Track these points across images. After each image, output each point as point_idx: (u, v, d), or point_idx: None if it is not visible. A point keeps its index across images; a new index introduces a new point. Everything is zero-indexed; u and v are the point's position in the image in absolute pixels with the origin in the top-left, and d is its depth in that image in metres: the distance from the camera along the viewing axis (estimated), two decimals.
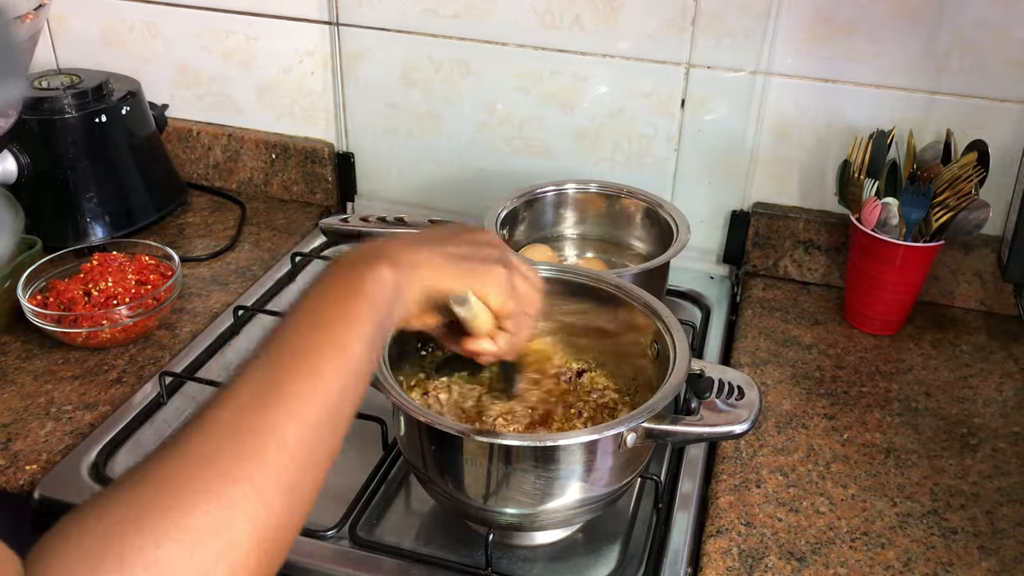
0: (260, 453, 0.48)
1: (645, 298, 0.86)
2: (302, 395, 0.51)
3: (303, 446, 0.50)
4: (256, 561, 0.47)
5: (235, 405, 0.50)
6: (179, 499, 0.45)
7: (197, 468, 0.47)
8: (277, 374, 0.52)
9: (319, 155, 1.38)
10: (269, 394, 0.51)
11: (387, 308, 0.59)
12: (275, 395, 0.51)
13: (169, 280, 1.08)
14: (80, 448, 0.90)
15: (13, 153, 1.17)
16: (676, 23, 1.16)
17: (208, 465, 0.47)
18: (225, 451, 0.48)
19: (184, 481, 0.46)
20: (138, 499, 0.46)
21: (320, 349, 0.54)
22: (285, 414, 0.50)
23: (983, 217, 1.04)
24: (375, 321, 0.57)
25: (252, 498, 0.47)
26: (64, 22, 1.41)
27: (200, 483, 0.46)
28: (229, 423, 0.49)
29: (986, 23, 1.07)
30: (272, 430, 0.49)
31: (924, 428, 0.97)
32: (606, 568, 0.81)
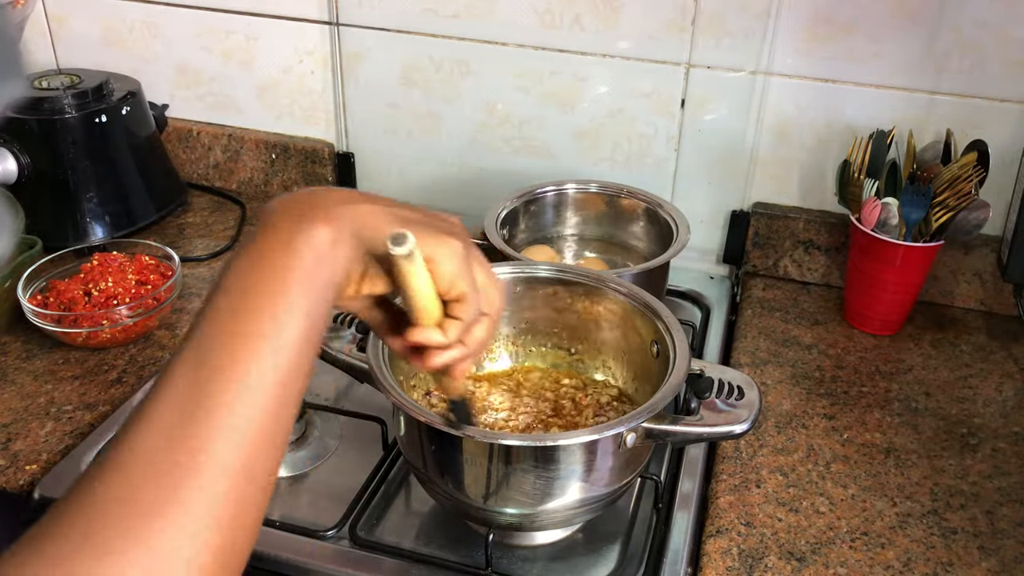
0: (193, 481, 0.43)
1: (645, 298, 0.86)
2: (234, 405, 0.45)
3: (244, 460, 0.45)
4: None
5: (161, 425, 0.44)
6: (109, 554, 0.41)
7: (121, 514, 0.42)
8: (203, 383, 0.45)
9: (319, 155, 1.38)
10: (197, 411, 0.44)
11: (326, 272, 0.50)
12: (204, 411, 0.44)
13: (169, 280, 1.08)
14: (80, 448, 0.90)
15: (13, 153, 1.17)
16: (676, 23, 1.16)
17: (133, 508, 0.42)
18: (154, 487, 0.42)
19: (106, 533, 0.41)
20: (68, 549, 0.41)
21: (249, 342, 0.46)
22: (218, 431, 0.44)
23: (983, 217, 1.04)
24: (312, 291, 0.49)
25: (189, 538, 0.42)
26: (64, 22, 1.41)
27: (125, 532, 0.41)
28: (154, 450, 0.43)
29: (986, 23, 1.07)
30: (206, 454, 0.43)
31: (924, 428, 0.97)
32: (606, 568, 0.81)
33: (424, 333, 0.56)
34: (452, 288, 0.55)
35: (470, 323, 0.57)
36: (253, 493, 0.46)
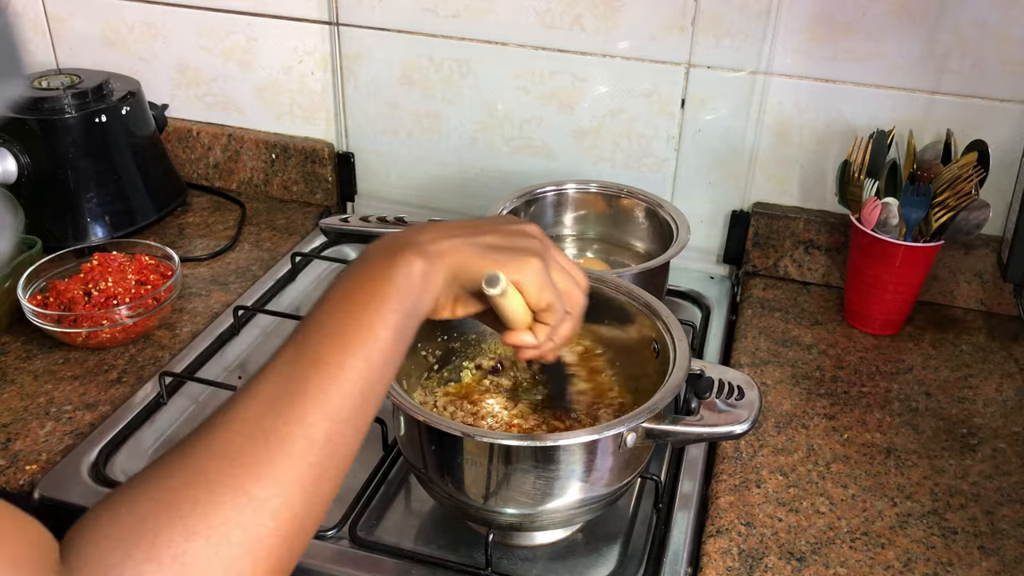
0: (287, 449, 0.49)
1: (645, 298, 0.86)
2: (329, 389, 0.52)
3: (329, 441, 0.51)
4: (278, 556, 0.48)
5: (263, 398, 0.51)
6: (207, 494, 0.47)
7: (225, 463, 0.48)
8: (304, 368, 0.52)
9: (319, 155, 1.38)
10: (296, 389, 0.51)
11: (415, 297, 0.58)
12: (302, 390, 0.51)
13: (169, 280, 1.08)
14: (80, 448, 0.90)
15: (13, 153, 1.17)
16: (676, 23, 1.16)
17: (235, 461, 0.48)
18: (252, 447, 0.49)
19: (213, 476, 0.48)
20: (167, 493, 0.47)
21: (346, 340, 0.54)
22: (312, 409, 0.51)
23: (983, 217, 1.04)
24: (403, 311, 0.57)
25: (277, 495, 0.48)
26: (64, 22, 1.41)
27: (228, 479, 0.47)
28: (256, 417, 0.50)
29: (986, 23, 1.07)
30: (299, 425, 0.50)
31: (924, 428, 0.97)
32: (606, 568, 0.81)
33: (517, 337, 0.66)
34: (540, 302, 0.64)
35: (556, 326, 0.66)
36: (333, 467, 0.52)
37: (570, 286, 0.66)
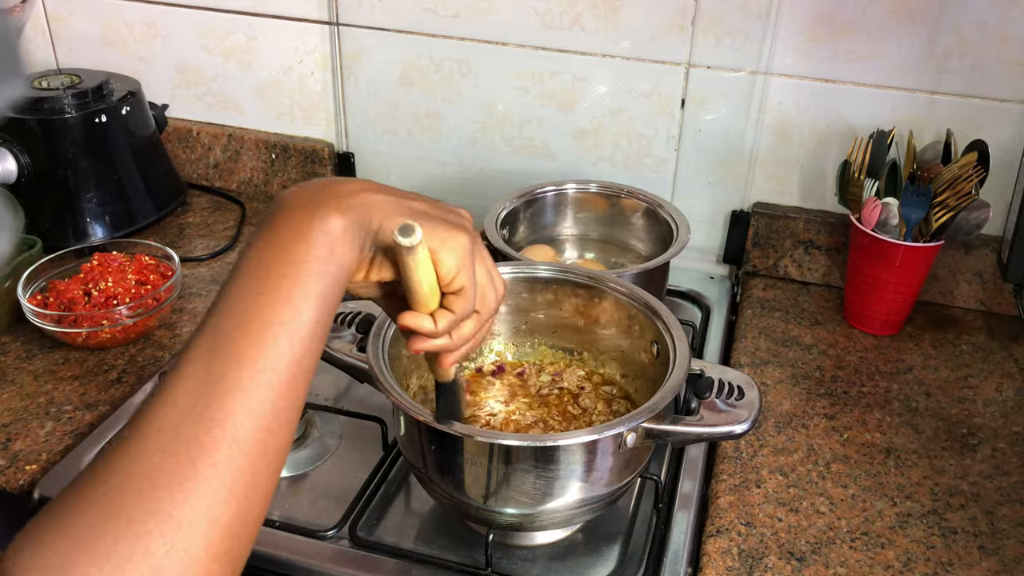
0: (212, 460, 0.45)
1: (645, 298, 0.86)
2: (250, 384, 0.47)
3: (257, 441, 0.47)
4: (220, 566, 0.45)
5: (179, 403, 0.46)
6: (128, 526, 0.43)
7: (145, 487, 0.44)
8: (220, 362, 0.47)
9: (319, 155, 1.38)
10: (214, 388, 0.47)
11: (338, 260, 0.52)
12: (220, 390, 0.47)
13: (169, 280, 1.08)
14: (80, 448, 0.90)
15: (13, 153, 1.17)
16: (676, 23, 1.16)
17: (155, 482, 0.44)
18: (172, 463, 0.45)
19: (131, 505, 0.43)
20: (86, 529, 0.43)
21: (265, 323, 0.49)
22: (234, 409, 0.46)
23: (983, 217, 1.04)
24: (325, 277, 0.51)
25: (206, 514, 0.44)
26: (64, 22, 1.41)
27: (149, 504, 0.43)
28: (174, 427, 0.46)
29: (986, 23, 1.07)
30: (222, 428, 0.46)
31: (924, 428, 0.97)
32: (606, 568, 0.81)
33: (414, 319, 0.58)
34: (453, 282, 0.57)
35: (461, 317, 0.59)
36: (266, 467, 0.48)
37: (488, 284, 0.60)
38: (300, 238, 0.51)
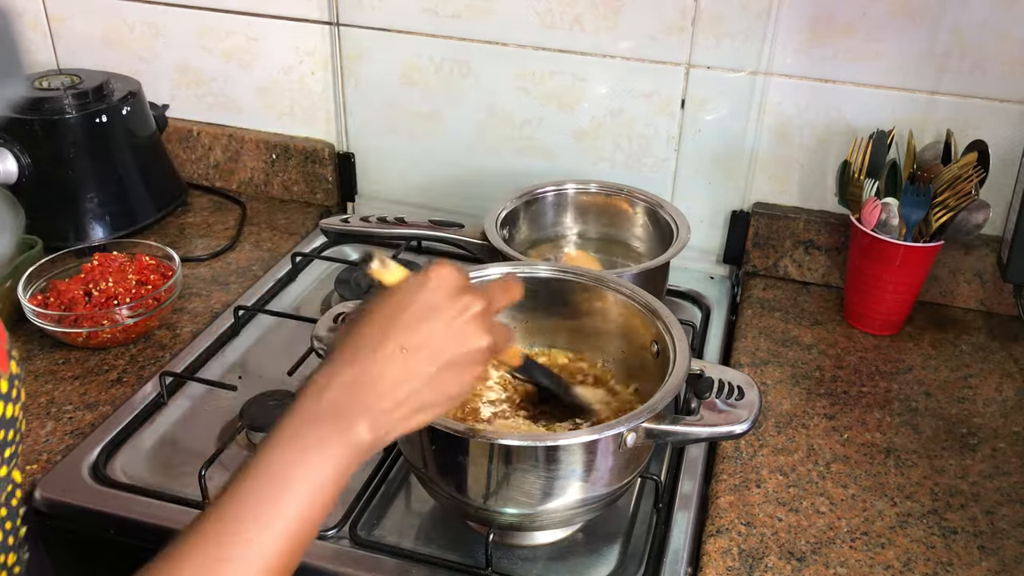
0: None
1: (645, 298, 0.86)
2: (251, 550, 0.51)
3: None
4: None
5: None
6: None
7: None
8: (224, 544, 0.51)
9: (319, 155, 1.38)
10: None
11: (355, 467, 0.56)
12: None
13: (170, 280, 1.08)
14: (80, 448, 0.90)
15: (13, 153, 1.17)
16: (676, 23, 1.16)
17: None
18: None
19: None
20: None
21: (270, 533, 0.52)
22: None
23: (983, 217, 1.04)
24: (338, 484, 0.55)
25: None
26: (64, 22, 1.41)
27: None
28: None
29: (986, 23, 1.07)
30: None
31: (924, 428, 0.97)
32: (606, 568, 0.81)
33: None
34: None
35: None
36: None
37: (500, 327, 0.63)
38: (319, 451, 0.54)
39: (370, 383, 0.56)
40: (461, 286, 0.59)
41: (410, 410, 0.57)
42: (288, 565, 0.53)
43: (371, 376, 0.56)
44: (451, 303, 0.58)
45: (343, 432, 0.55)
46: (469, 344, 0.59)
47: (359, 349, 0.57)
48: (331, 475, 0.54)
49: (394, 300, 0.58)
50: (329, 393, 0.56)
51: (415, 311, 0.57)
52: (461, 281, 0.59)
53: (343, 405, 0.55)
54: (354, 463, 0.55)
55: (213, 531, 0.51)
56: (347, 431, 0.55)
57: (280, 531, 0.52)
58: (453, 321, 0.58)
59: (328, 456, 0.54)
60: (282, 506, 0.52)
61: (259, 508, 0.52)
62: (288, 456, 0.53)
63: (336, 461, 0.54)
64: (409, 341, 0.57)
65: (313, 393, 0.56)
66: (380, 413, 0.56)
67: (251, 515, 0.51)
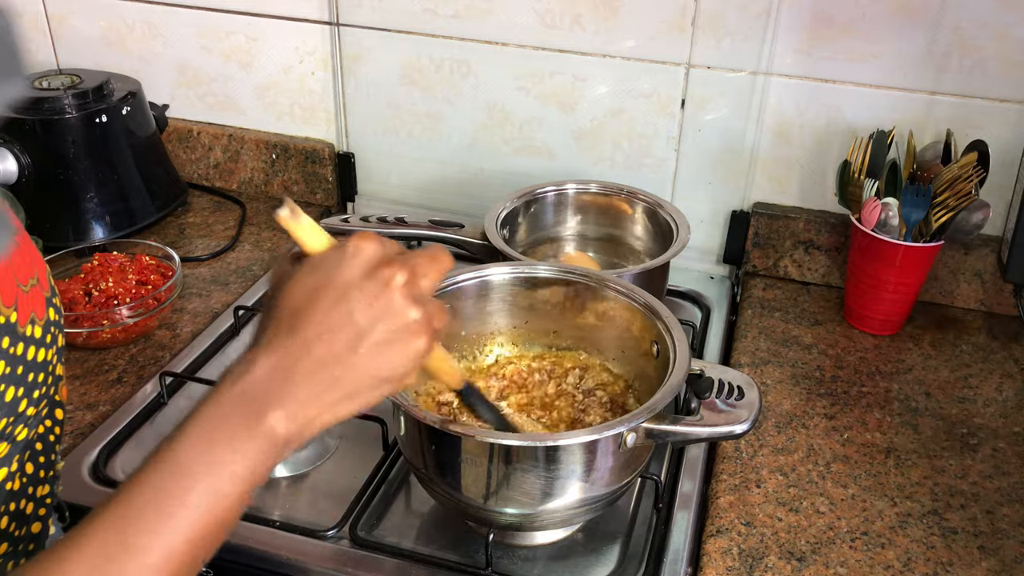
0: None
1: (645, 298, 0.86)
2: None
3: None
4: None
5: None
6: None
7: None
8: (126, 532, 0.49)
9: (319, 155, 1.38)
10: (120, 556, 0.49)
11: (273, 460, 0.53)
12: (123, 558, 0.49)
13: (170, 280, 1.08)
14: (80, 448, 0.90)
15: (13, 153, 1.17)
16: (676, 23, 1.16)
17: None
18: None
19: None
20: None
21: (174, 524, 0.50)
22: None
23: (983, 217, 1.04)
24: (250, 480, 0.52)
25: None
26: (64, 22, 1.41)
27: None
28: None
29: (986, 23, 1.07)
30: None
31: (924, 428, 0.97)
32: (606, 568, 0.81)
33: None
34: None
35: None
36: None
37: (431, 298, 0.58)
38: (230, 444, 0.51)
39: (287, 372, 0.52)
40: (380, 258, 0.54)
41: (334, 398, 0.54)
42: (196, 557, 0.51)
43: (288, 364, 0.52)
44: (369, 278, 0.53)
45: (255, 425, 0.52)
46: (395, 319, 0.54)
47: (275, 335, 0.53)
48: (241, 469, 0.51)
49: (310, 280, 0.54)
50: (242, 383, 0.52)
51: (332, 291, 0.53)
52: (379, 253, 0.54)
53: (256, 396, 0.52)
54: (271, 457, 0.52)
55: (117, 516, 0.49)
56: (259, 424, 0.52)
57: (185, 523, 0.50)
58: (374, 297, 0.53)
59: (237, 450, 0.51)
60: (187, 499, 0.50)
61: (164, 499, 0.50)
62: (196, 448, 0.51)
63: (248, 455, 0.51)
64: (326, 324, 0.53)
65: (228, 383, 0.53)
66: (298, 404, 0.52)
67: (154, 505, 0.50)
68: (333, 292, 0.53)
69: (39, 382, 0.56)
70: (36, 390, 0.56)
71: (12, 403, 0.53)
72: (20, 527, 0.59)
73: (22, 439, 0.57)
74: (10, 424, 0.54)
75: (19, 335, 0.54)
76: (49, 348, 0.57)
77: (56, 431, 0.62)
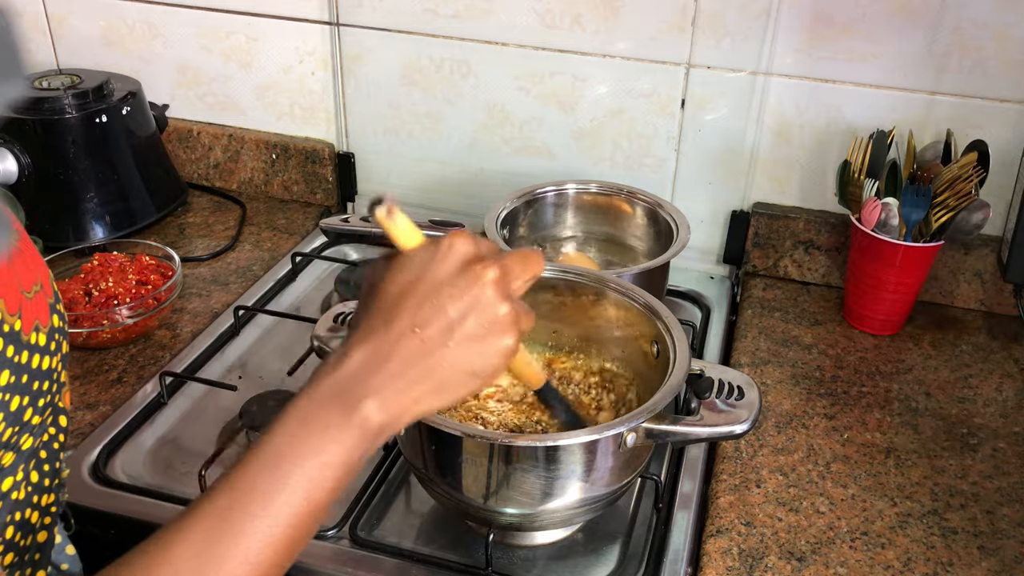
0: None
1: (645, 298, 0.86)
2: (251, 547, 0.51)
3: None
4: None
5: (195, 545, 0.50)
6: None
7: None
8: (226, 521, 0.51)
9: (319, 155, 1.38)
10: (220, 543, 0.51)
11: (367, 450, 0.55)
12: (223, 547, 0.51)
13: (170, 280, 1.08)
14: (80, 448, 0.90)
15: (13, 153, 1.17)
16: (676, 23, 1.16)
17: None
18: None
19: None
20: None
21: (275, 510, 0.52)
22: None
23: (983, 217, 1.04)
24: (344, 468, 0.54)
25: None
26: (64, 22, 1.41)
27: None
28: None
29: (986, 23, 1.07)
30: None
31: (924, 428, 0.97)
32: (606, 568, 0.81)
33: None
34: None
35: None
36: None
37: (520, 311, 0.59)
38: (325, 435, 0.53)
39: (380, 363, 0.54)
40: (473, 255, 0.56)
41: (426, 390, 0.55)
42: (293, 544, 0.53)
43: (382, 356, 0.54)
44: (462, 273, 0.55)
45: (350, 414, 0.53)
46: (486, 313, 0.55)
47: (370, 329, 0.55)
48: (337, 457, 0.53)
49: (404, 275, 0.56)
50: (338, 374, 0.54)
51: (426, 285, 0.55)
52: (473, 250, 0.56)
53: (351, 386, 0.54)
54: (365, 446, 0.54)
55: (221, 506, 0.51)
56: (354, 413, 0.53)
57: (285, 510, 0.52)
58: (465, 291, 0.55)
59: (333, 438, 0.53)
60: (286, 486, 0.52)
61: (264, 486, 0.51)
62: (296, 436, 0.53)
63: (343, 443, 0.53)
64: (420, 317, 0.54)
65: (324, 374, 0.55)
66: (392, 394, 0.54)
67: (256, 492, 0.51)
68: (426, 286, 0.55)
69: (44, 390, 0.56)
70: (41, 398, 0.56)
71: (17, 412, 0.53)
72: (26, 537, 0.59)
73: (27, 448, 0.56)
74: (15, 434, 0.54)
75: (23, 343, 0.53)
76: (54, 356, 0.57)
77: (60, 439, 0.62)
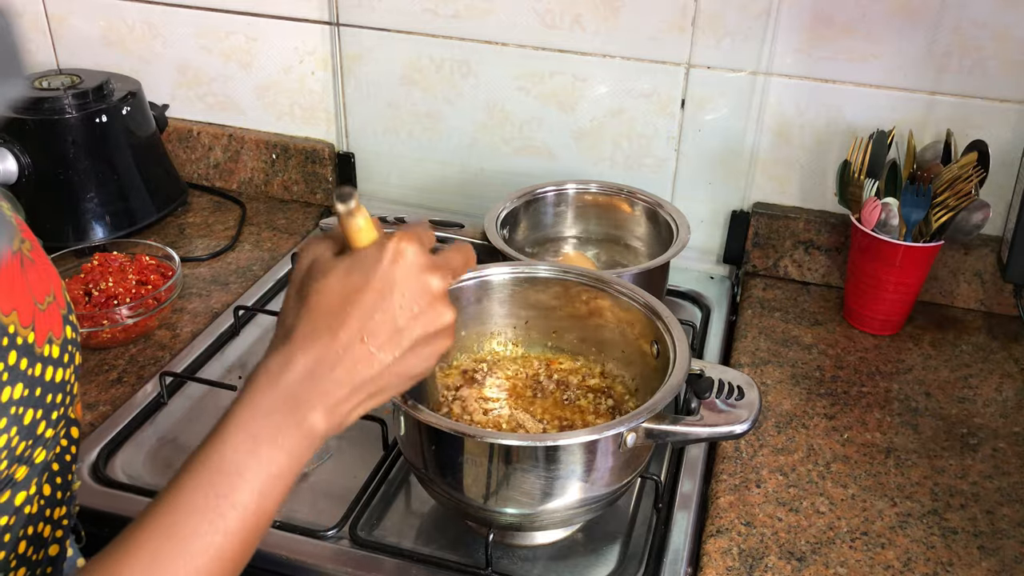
0: None
1: (645, 298, 0.86)
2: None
3: None
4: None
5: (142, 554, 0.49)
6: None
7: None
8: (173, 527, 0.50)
9: (319, 155, 1.38)
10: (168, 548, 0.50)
11: (309, 455, 0.54)
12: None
13: (170, 280, 1.08)
14: (80, 448, 0.90)
15: (13, 153, 1.17)
16: (676, 23, 1.16)
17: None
18: None
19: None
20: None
21: (223, 524, 0.51)
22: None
23: (983, 217, 1.04)
24: (291, 476, 0.53)
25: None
26: (64, 22, 1.41)
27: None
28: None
29: (986, 23, 1.07)
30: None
31: (924, 428, 0.97)
32: (606, 568, 0.81)
33: None
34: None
35: None
36: None
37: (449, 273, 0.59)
38: (279, 444, 0.52)
39: (327, 371, 0.54)
40: (423, 262, 0.56)
41: (367, 395, 0.56)
42: (243, 556, 0.52)
43: (327, 364, 0.54)
44: (412, 282, 0.55)
45: (298, 423, 0.53)
46: (433, 324, 0.56)
47: (314, 333, 0.54)
48: (287, 468, 0.53)
49: (350, 280, 0.54)
50: (284, 382, 0.53)
51: (374, 292, 0.54)
52: (422, 255, 0.56)
53: (299, 395, 0.53)
54: (308, 452, 0.54)
55: (165, 523, 0.50)
56: (302, 421, 0.53)
57: (234, 523, 0.51)
58: (414, 302, 0.55)
59: (281, 447, 0.52)
60: (236, 498, 0.51)
61: (212, 500, 0.50)
62: (241, 447, 0.52)
63: (290, 452, 0.53)
64: (369, 327, 0.54)
65: (266, 381, 0.54)
66: (336, 402, 0.54)
67: (203, 507, 0.50)
68: (374, 293, 0.54)
69: (57, 403, 0.55)
70: (55, 411, 0.55)
71: (31, 426, 0.52)
72: (38, 551, 0.58)
73: (40, 461, 0.55)
74: (29, 447, 0.53)
75: (37, 356, 0.53)
76: (67, 367, 0.56)
77: (72, 450, 0.62)
